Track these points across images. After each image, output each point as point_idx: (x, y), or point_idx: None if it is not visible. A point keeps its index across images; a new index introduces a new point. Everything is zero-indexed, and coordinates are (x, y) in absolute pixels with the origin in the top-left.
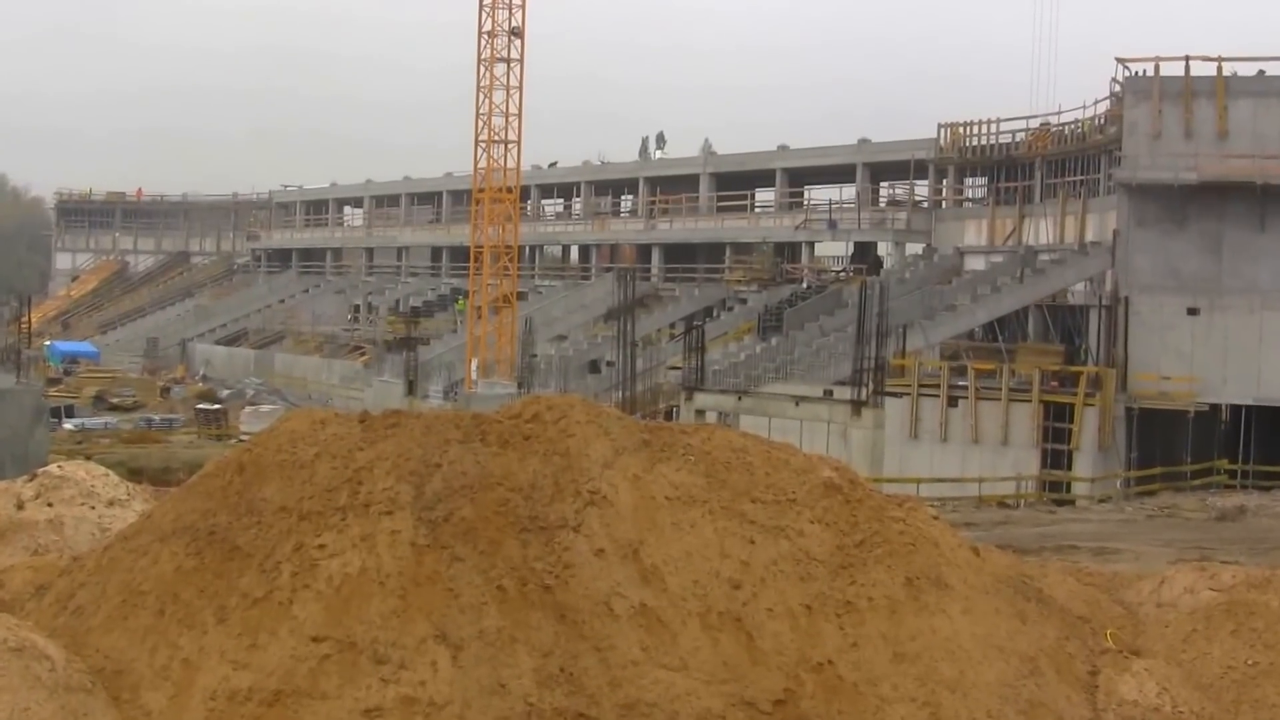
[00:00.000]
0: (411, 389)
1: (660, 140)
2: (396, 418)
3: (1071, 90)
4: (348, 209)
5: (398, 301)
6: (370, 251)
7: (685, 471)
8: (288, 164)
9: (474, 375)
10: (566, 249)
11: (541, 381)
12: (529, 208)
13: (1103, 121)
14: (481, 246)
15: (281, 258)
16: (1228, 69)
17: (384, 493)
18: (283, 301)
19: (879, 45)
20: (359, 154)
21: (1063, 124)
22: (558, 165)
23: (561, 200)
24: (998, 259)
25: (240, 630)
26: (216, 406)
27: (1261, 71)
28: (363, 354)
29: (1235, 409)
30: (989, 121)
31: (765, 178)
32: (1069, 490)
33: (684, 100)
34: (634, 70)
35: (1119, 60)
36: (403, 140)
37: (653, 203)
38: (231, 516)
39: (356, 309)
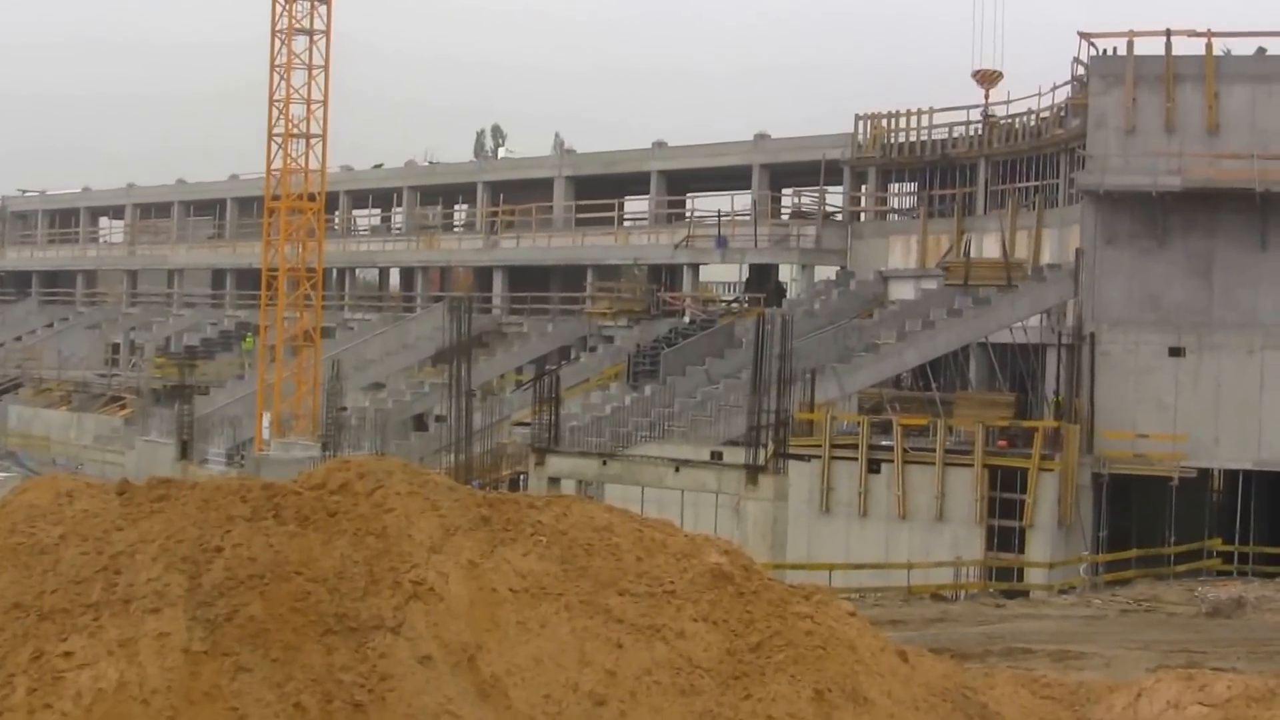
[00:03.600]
0: (185, 451)
1: (498, 134)
2: (166, 489)
3: (1023, 73)
4: (104, 220)
5: (169, 339)
6: (134, 275)
7: (535, 556)
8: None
9: (266, 433)
10: (385, 273)
11: (352, 441)
12: (337, 220)
13: (1063, 112)
14: (276, 269)
15: (18, 282)
16: (1219, 46)
17: (149, 585)
18: (19, 339)
19: (784, 24)
20: None
21: (1011, 116)
22: (383, 166)
23: (379, 211)
24: (930, 285)
25: None
26: None
27: (1261, 50)
28: (123, 406)
29: (1230, 475)
30: (918, 112)
31: (637, 183)
32: (1021, 578)
33: (531, 86)
34: (471, 52)
35: (1083, 35)
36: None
37: (494, 214)
38: None
39: (116, 349)
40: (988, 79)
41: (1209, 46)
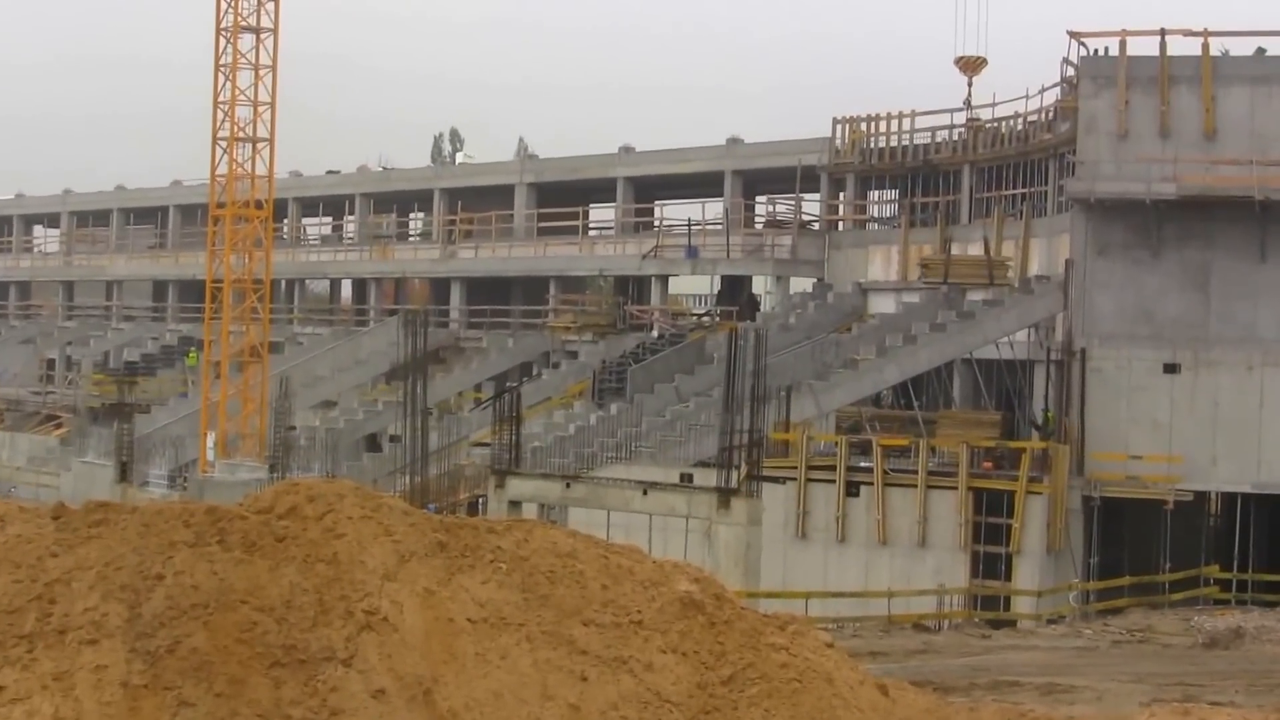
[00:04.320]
0: (125, 473)
1: (456, 139)
2: (104, 513)
3: (1010, 75)
4: (39, 229)
5: (107, 354)
6: (70, 286)
7: (494, 584)
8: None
9: (210, 454)
10: (336, 285)
11: (302, 463)
12: (286, 229)
13: (1051, 116)
14: (221, 281)
15: None
16: (1215, 46)
17: (86, 615)
18: None
19: (756, 28)
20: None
21: (997, 119)
22: (336, 173)
23: (330, 219)
24: (912, 298)
25: None
26: None
27: (1260, 50)
28: (59, 426)
29: (1228, 498)
30: (900, 116)
31: (603, 190)
32: (1008, 607)
33: (493, 95)
34: (425, 59)
35: (1073, 35)
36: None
37: (452, 223)
38: None
39: (51, 364)
40: (971, 66)
41: (1205, 47)
